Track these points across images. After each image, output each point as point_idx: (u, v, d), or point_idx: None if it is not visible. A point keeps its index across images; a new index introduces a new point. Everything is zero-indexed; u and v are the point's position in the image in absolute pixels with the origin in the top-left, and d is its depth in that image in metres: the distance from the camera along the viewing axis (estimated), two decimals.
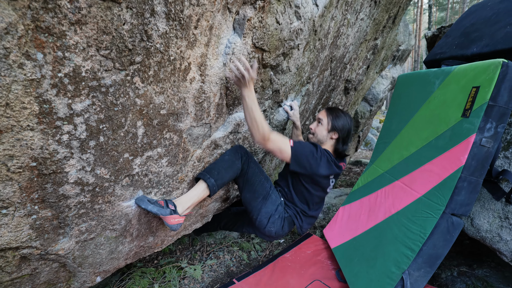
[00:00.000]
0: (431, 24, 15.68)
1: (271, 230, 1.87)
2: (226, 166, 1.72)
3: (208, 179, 1.63)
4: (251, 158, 1.83)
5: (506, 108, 1.28)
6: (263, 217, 1.85)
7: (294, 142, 1.73)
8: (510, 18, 1.56)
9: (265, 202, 1.86)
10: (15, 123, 0.89)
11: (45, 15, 0.82)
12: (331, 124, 1.92)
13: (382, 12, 2.95)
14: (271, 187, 1.91)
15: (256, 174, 1.84)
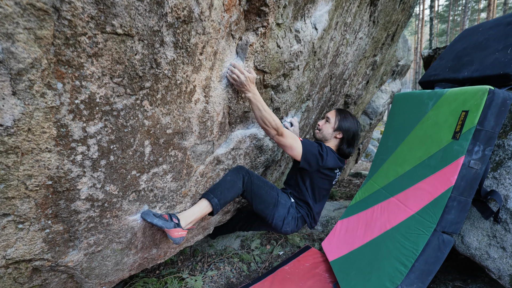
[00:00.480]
0: (432, 36, 15.85)
1: (287, 230, 2.03)
2: (228, 187, 1.82)
3: (212, 198, 1.73)
4: (252, 175, 1.93)
5: (493, 132, 1.36)
6: (277, 221, 1.98)
7: (303, 140, 1.90)
8: (499, 45, 1.64)
9: (276, 208, 1.97)
10: (35, 146, 0.97)
11: (66, 50, 0.90)
12: (338, 124, 2.05)
13: (380, 30, 3.05)
14: (278, 193, 2.01)
15: (261, 187, 1.94)
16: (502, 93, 1.35)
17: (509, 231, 1.35)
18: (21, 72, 0.84)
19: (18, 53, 0.81)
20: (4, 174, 0.94)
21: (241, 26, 1.48)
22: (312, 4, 1.75)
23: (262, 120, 1.69)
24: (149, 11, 1.03)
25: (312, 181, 2.03)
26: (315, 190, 2.06)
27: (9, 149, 0.91)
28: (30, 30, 0.81)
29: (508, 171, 1.45)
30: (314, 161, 1.91)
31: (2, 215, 1.02)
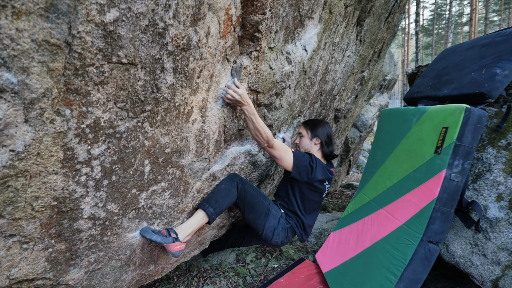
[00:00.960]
0: (418, 49, 16.32)
1: (277, 241, 2.07)
2: (223, 195, 1.87)
3: (207, 208, 1.77)
4: (246, 183, 1.98)
5: (470, 147, 1.46)
6: (268, 231, 2.02)
7: (294, 152, 2.00)
8: (474, 65, 1.77)
9: (267, 218, 2.02)
10: (43, 168, 1.02)
11: (75, 79, 0.97)
12: (310, 133, 2.21)
13: (367, 48, 3.20)
14: (270, 203, 2.07)
15: (254, 196, 1.99)
16: (477, 111, 1.47)
17: (489, 239, 1.44)
18: (34, 101, 0.90)
19: (32, 84, 0.88)
20: (13, 197, 0.99)
21: (236, 51, 1.57)
22: (302, 28, 1.86)
23: (255, 132, 1.78)
24: (151, 42, 1.11)
25: (302, 192, 2.10)
26: (305, 201, 2.13)
27: (19, 173, 0.96)
28: (43, 63, 0.88)
29: (486, 182, 1.55)
30: (305, 172, 2.00)
31: (8, 236, 1.06)
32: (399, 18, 3.46)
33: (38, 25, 0.82)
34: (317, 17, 1.94)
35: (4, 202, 0.98)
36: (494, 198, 1.49)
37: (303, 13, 1.77)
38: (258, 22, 1.49)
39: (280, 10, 1.56)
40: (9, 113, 0.86)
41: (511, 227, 1.38)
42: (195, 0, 1.18)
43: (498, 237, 1.41)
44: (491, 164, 1.56)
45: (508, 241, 1.37)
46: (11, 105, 0.86)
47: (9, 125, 0.88)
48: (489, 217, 1.47)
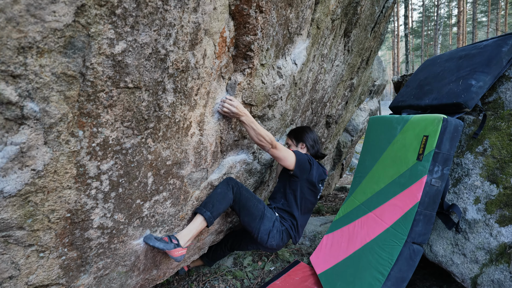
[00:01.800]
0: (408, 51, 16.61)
1: (272, 243, 2.15)
2: (219, 198, 1.95)
3: (204, 212, 1.87)
4: (242, 187, 2.07)
5: (448, 154, 1.60)
6: (263, 234, 2.10)
7: (295, 152, 2.14)
8: (452, 77, 1.91)
9: (262, 221, 2.10)
10: (59, 184, 1.13)
11: (87, 104, 1.08)
12: (295, 141, 2.39)
13: (355, 57, 3.34)
14: (265, 207, 2.16)
15: (249, 199, 2.07)
16: (454, 120, 1.60)
17: (468, 240, 1.57)
18: (52, 126, 1.01)
19: (51, 111, 0.99)
20: (32, 210, 1.10)
21: (230, 68, 1.69)
22: (291, 44, 1.99)
23: (258, 138, 1.89)
24: (154, 67, 1.22)
25: (302, 191, 2.20)
26: (302, 201, 2.23)
27: (38, 189, 1.07)
28: (61, 92, 0.99)
29: (465, 186, 1.68)
30: (306, 167, 2.14)
31: (27, 246, 1.16)
32: (385, 27, 3.62)
33: (57, 60, 0.93)
34: (305, 33, 2.07)
35: (25, 216, 1.09)
36: (472, 201, 1.62)
37: (292, 31, 1.90)
38: (251, 42, 1.62)
39: (270, 30, 1.69)
40: (31, 137, 0.97)
41: (487, 228, 1.51)
42: (193, 28, 1.30)
43: (476, 238, 1.54)
44: (469, 169, 1.70)
45: (485, 241, 1.50)
46: (33, 130, 0.97)
47: (31, 148, 0.99)
48: (468, 218, 1.60)
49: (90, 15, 0.93)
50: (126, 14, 1.02)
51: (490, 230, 1.49)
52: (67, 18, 0.88)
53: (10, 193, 1.00)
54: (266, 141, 1.92)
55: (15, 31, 0.80)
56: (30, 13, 0.81)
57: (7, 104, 0.88)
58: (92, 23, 0.95)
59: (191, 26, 1.29)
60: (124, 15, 1.02)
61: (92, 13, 0.93)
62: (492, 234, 1.47)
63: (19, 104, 0.90)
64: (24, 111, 0.92)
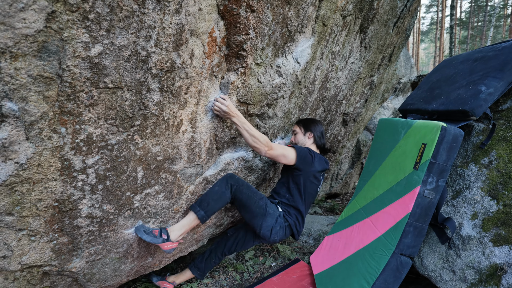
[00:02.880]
0: (453, 44, 15.50)
1: (275, 239, 2.16)
2: (215, 198, 1.95)
3: (198, 211, 1.90)
4: (242, 184, 2.03)
5: (445, 165, 1.49)
6: (265, 230, 2.10)
7: (294, 146, 2.14)
8: (464, 81, 1.76)
9: (265, 218, 2.09)
10: (44, 176, 1.22)
11: (68, 103, 1.15)
12: (303, 129, 2.38)
13: (375, 54, 3.19)
14: (267, 204, 2.13)
15: (250, 197, 2.05)
16: (453, 130, 1.49)
17: (459, 256, 1.47)
18: (33, 123, 1.10)
19: (30, 110, 1.07)
20: (20, 199, 1.20)
21: (223, 68, 1.70)
22: (292, 42, 1.95)
23: (252, 139, 1.88)
24: (135, 68, 1.27)
25: (305, 185, 2.19)
26: (306, 194, 2.22)
27: (23, 180, 1.17)
28: (39, 92, 1.06)
29: (464, 200, 1.57)
30: (306, 161, 2.13)
31: (18, 230, 1.27)
32: (410, 22, 3.40)
33: (33, 64, 1.00)
34: (309, 31, 2.01)
35: (12, 203, 1.19)
36: (469, 216, 1.51)
37: (292, 29, 1.86)
38: (243, 42, 1.61)
39: (265, 29, 1.66)
40: (12, 133, 1.06)
41: (480, 246, 1.41)
42: (176, 29, 1.32)
43: (467, 255, 1.44)
44: (471, 182, 1.58)
45: (476, 259, 1.40)
46: (14, 127, 1.05)
47: (13, 143, 1.08)
48: (462, 234, 1.50)
49: (62, 21, 0.99)
50: (99, 18, 1.06)
51: (483, 249, 1.38)
52: (37, 25, 0.94)
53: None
54: (261, 143, 1.90)
55: None
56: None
57: None
58: (64, 28, 1.00)
59: (174, 27, 1.31)
60: (97, 19, 1.06)
61: (64, 19, 0.99)
62: (485, 253, 1.37)
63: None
64: (2, 110, 1.00)
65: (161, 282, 2.30)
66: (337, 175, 4.66)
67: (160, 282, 2.30)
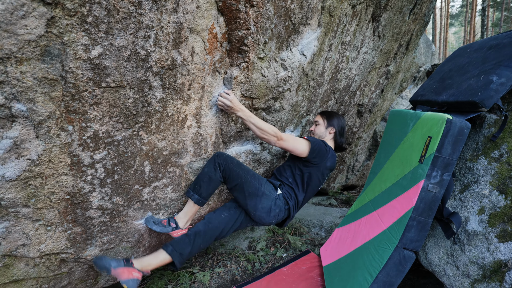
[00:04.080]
0: (485, 27, 14.62)
1: (272, 222, 2.05)
2: (206, 180, 1.89)
3: (192, 196, 1.89)
4: (231, 163, 1.91)
5: (450, 159, 1.45)
6: (261, 212, 1.97)
7: (309, 138, 2.05)
8: (476, 70, 1.68)
9: (260, 199, 1.96)
10: (55, 171, 1.31)
11: (73, 102, 1.22)
12: (327, 122, 2.29)
13: (389, 42, 3.09)
14: (261, 183, 2.00)
15: (240, 176, 1.93)
16: (459, 122, 1.43)
17: (463, 252, 1.44)
18: (41, 122, 1.17)
19: (38, 110, 1.14)
20: (34, 192, 1.30)
21: (225, 63, 1.72)
22: (297, 34, 1.93)
23: (260, 132, 1.86)
24: (136, 67, 1.32)
25: (310, 177, 2.09)
26: (308, 187, 2.13)
27: (36, 175, 1.26)
28: (45, 93, 1.13)
29: (472, 194, 1.51)
30: (322, 154, 2.04)
31: (35, 220, 1.38)
32: (429, 7, 3.25)
33: (37, 67, 1.07)
34: (315, 22, 1.99)
35: (28, 196, 1.29)
36: (476, 210, 1.47)
37: (296, 21, 1.84)
38: (243, 37, 1.62)
39: (266, 23, 1.66)
40: (23, 132, 1.14)
41: (486, 242, 1.36)
42: (175, 27, 1.35)
43: (472, 250, 1.40)
44: (480, 176, 1.52)
45: (480, 255, 1.36)
46: (23, 126, 1.14)
47: (24, 141, 1.16)
48: (468, 229, 1.45)
49: (61, 25, 1.04)
50: (97, 21, 1.11)
51: (488, 245, 1.34)
52: (39, 30, 1.00)
53: (10, 178, 1.19)
54: (270, 134, 1.87)
55: None
56: (2, 29, 0.94)
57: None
58: (64, 32, 1.06)
59: (172, 26, 1.34)
60: (95, 22, 1.11)
61: (63, 23, 1.04)
62: (490, 249, 1.33)
63: (7, 105, 1.06)
64: (12, 111, 1.08)
65: (123, 270, 1.63)
66: (353, 166, 4.60)
67: (122, 270, 1.63)
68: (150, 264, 1.78)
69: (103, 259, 1.62)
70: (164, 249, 1.83)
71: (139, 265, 1.72)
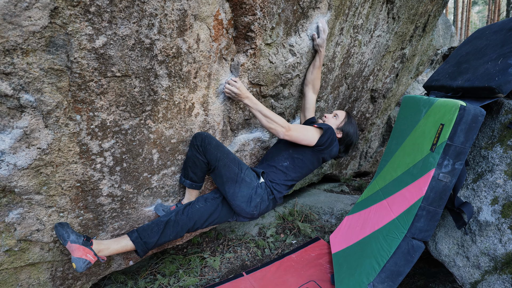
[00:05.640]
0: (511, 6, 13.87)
1: (254, 213, 1.89)
2: (191, 164, 1.81)
3: (183, 181, 1.86)
4: (209, 144, 1.77)
5: (462, 147, 1.39)
6: (240, 202, 1.83)
7: (318, 124, 1.90)
8: (494, 54, 1.59)
9: (239, 185, 1.83)
10: (65, 160, 1.34)
11: (80, 92, 1.24)
12: (343, 124, 2.02)
13: (405, 24, 2.96)
14: (242, 169, 1.86)
15: (219, 159, 1.80)
16: (473, 109, 1.37)
17: (474, 242, 1.40)
18: (50, 112, 1.20)
19: (46, 100, 1.16)
20: (46, 180, 1.34)
21: (232, 50, 1.69)
22: (306, 19, 1.87)
23: (267, 121, 1.74)
24: (140, 56, 1.31)
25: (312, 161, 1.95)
26: (304, 169, 1.98)
27: (47, 163, 1.30)
28: (52, 84, 1.15)
29: (485, 184, 1.47)
30: (330, 143, 1.89)
31: (48, 207, 1.43)
32: None
33: (43, 58, 1.08)
34: (324, 6, 1.92)
35: (40, 184, 1.33)
36: (489, 200, 1.42)
37: (305, 5, 1.78)
38: (250, 22, 1.58)
39: (273, 8, 1.62)
40: (32, 122, 1.17)
41: (498, 233, 1.32)
42: (179, 15, 1.33)
43: (483, 241, 1.37)
44: (495, 165, 1.46)
45: (491, 246, 1.33)
46: (33, 116, 1.16)
47: (33, 131, 1.19)
48: (480, 220, 1.41)
49: (65, 16, 1.04)
50: (100, 11, 1.10)
51: (501, 236, 1.30)
52: (42, 21, 1.01)
53: (22, 166, 1.23)
54: (277, 123, 1.73)
55: None
56: (7, 21, 0.94)
57: (5, 96, 1.07)
58: (68, 22, 1.06)
59: (176, 13, 1.32)
60: (98, 12, 1.10)
61: (66, 14, 1.04)
62: (502, 240, 1.29)
63: (15, 96, 1.08)
64: (21, 101, 1.11)
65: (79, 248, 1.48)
66: (366, 153, 4.53)
67: (77, 246, 1.47)
68: (109, 248, 1.62)
69: (65, 227, 1.46)
70: (128, 235, 1.70)
71: (97, 247, 1.57)
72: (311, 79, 2.12)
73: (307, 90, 2.17)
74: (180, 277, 2.45)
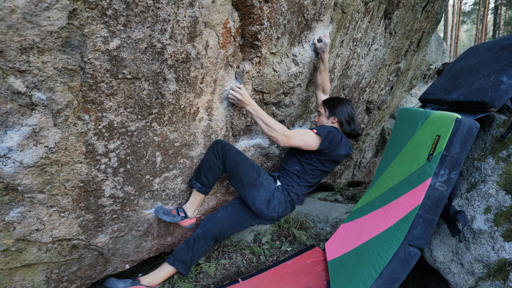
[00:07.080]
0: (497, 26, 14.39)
1: (273, 215, 1.98)
2: (206, 168, 1.88)
3: (194, 184, 1.91)
4: (229, 150, 1.88)
5: (458, 158, 1.46)
6: (259, 204, 1.93)
7: (317, 129, 1.92)
8: (486, 70, 1.67)
9: (258, 189, 1.91)
10: (71, 159, 1.34)
11: (90, 93, 1.25)
12: (328, 111, 2.10)
13: (401, 40, 3.07)
14: (260, 174, 1.95)
15: (238, 164, 1.89)
16: (468, 122, 1.44)
17: (469, 250, 1.45)
18: (60, 111, 1.21)
19: (57, 99, 1.17)
20: (50, 179, 1.34)
21: (238, 57, 1.73)
22: (309, 30, 1.93)
23: (268, 129, 1.78)
24: (151, 59, 1.34)
25: (321, 163, 2.01)
26: (316, 172, 2.04)
27: (52, 162, 1.30)
28: (64, 83, 1.16)
29: (479, 193, 1.53)
30: (333, 144, 1.93)
31: (49, 206, 1.42)
32: (441, 5, 3.22)
33: (58, 57, 1.10)
34: (327, 19, 1.99)
35: (44, 182, 1.33)
36: (482, 209, 1.48)
37: (309, 17, 1.84)
38: (257, 32, 1.63)
39: (279, 19, 1.67)
40: (42, 120, 1.18)
41: (491, 241, 1.38)
42: (190, 22, 1.37)
43: (477, 249, 1.42)
44: (487, 175, 1.53)
45: (485, 254, 1.38)
46: (43, 115, 1.17)
47: (42, 129, 1.20)
48: (474, 228, 1.47)
49: (83, 18, 1.07)
50: (117, 14, 1.13)
51: (493, 244, 1.36)
52: (61, 22, 1.03)
53: (28, 164, 1.23)
54: (277, 131, 1.77)
55: (16, 36, 0.97)
56: (26, 20, 0.96)
57: (18, 93, 1.08)
58: (85, 24, 1.08)
59: (188, 20, 1.36)
60: (115, 15, 1.13)
61: (84, 16, 1.07)
62: (495, 248, 1.34)
63: (28, 94, 1.09)
64: (32, 99, 1.12)
65: None
66: (360, 163, 4.60)
67: None
68: (156, 277, 1.89)
69: (110, 282, 1.73)
70: (167, 262, 1.94)
71: (146, 281, 1.84)
72: (320, 82, 2.20)
73: (318, 93, 2.28)
74: (175, 282, 2.43)
